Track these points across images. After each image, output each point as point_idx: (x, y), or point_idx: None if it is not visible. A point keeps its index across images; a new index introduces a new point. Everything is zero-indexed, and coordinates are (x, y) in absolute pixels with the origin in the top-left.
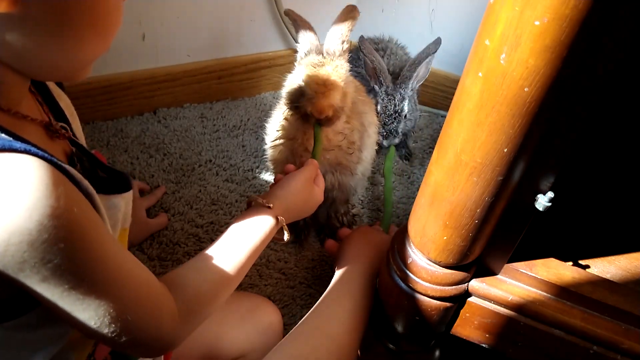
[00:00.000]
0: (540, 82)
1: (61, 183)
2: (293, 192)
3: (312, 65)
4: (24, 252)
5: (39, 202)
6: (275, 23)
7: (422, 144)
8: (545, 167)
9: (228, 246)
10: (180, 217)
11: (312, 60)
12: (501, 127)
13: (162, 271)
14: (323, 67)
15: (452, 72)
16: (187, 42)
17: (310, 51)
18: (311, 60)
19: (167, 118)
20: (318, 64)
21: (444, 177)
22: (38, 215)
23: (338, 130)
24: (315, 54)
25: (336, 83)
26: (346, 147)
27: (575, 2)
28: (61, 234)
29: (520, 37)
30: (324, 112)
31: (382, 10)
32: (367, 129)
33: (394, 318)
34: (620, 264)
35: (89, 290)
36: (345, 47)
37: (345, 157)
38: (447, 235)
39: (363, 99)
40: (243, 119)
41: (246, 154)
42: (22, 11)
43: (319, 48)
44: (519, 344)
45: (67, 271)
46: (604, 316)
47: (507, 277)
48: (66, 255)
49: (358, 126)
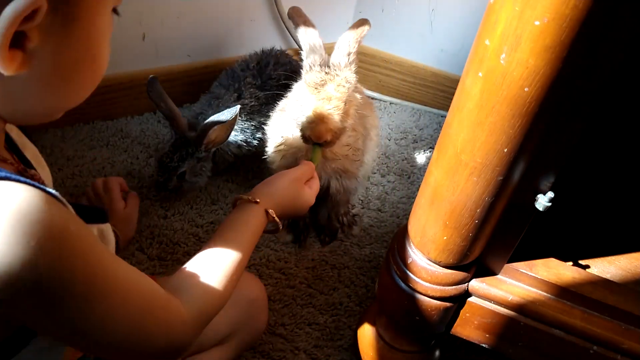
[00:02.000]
0: (540, 82)
1: (53, 202)
2: (279, 188)
3: (313, 86)
4: (24, 278)
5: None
6: (275, 23)
7: (422, 144)
8: (545, 167)
9: (224, 242)
10: (180, 217)
11: (314, 78)
12: (501, 127)
13: (162, 271)
14: (325, 86)
15: (452, 72)
16: (187, 42)
17: (315, 64)
18: (312, 79)
19: None
20: (319, 84)
21: (444, 177)
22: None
23: (344, 143)
24: (320, 67)
25: (332, 116)
26: (352, 155)
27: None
28: (62, 252)
29: (520, 37)
30: (322, 138)
31: (382, 10)
32: (369, 132)
33: (394, 318)
34: (620, 264)
35: (96, 306)
36: (352, 59)
37: (351, 164)
38: (447, 235)
39: (364, 102)
40: None
41: None
42: (28, 70)
43: (325, 59)
44: (519, 344)
45: (73, 289)
46: (604, 316)
47: (507, 277)
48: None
49: (362, 130)
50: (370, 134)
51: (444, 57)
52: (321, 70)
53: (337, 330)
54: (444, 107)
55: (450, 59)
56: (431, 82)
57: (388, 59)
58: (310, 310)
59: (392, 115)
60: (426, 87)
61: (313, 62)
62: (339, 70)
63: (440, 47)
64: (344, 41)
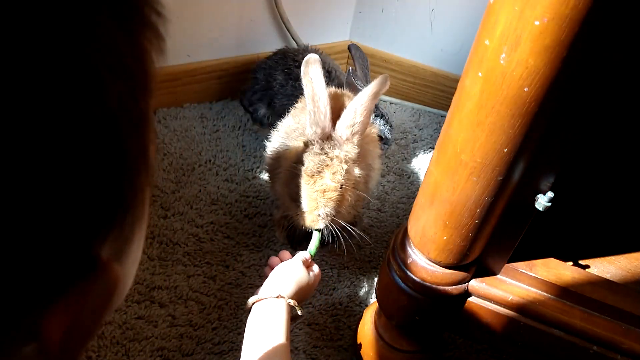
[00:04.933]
0: (540, 82)
1: None
2: (296, 282)
3: (309, 175)
4: None
5: None
6: (275, 23)
7: (422, 144)
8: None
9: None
10: (180, 217)
11: (310, 165)
12: (501, 127)
13: (162, 271)
14: (322, 174)
15: (452, 72)
16: (187, 42)
17: (315, 138)
18: (309, 166)
19: (167, 118)
20: (316, 171)
21: (444, 177)
22: None
23: (347, 205)
24: (320, 142)
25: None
26: (357, 204)
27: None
28: None
29: (520, 37)
30: (315, 226)
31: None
32: (372, 163)
33: (394, 318)
34: (620, 264)
35: None
36: (357, 129)
37: (357, 209)
38: (447, 235)
39: (369, 140)
40: (243, 119)
41: (246, 154)
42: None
43: (326, 132)
44: (519, 344)
45: None
46: (604, 316)
47: (507, 277)
48: None
49: (365, 169)
50: (372, 165)
51: (444, 57)
52: (321, 151)
53: (337, 330)
54: (444, 107)
55: (450, 59)
56: (431, 82)
57: (388, 58)
58: (310, 310)
59: (392, 115)
60: (426, 87)
61: (314, 138)
62: (339, 148)
63: (440, 47)
64: (351, 109)
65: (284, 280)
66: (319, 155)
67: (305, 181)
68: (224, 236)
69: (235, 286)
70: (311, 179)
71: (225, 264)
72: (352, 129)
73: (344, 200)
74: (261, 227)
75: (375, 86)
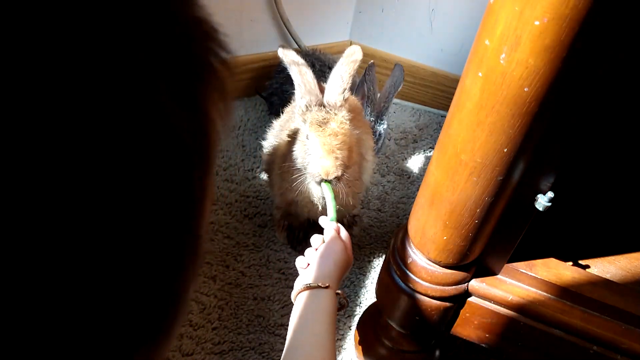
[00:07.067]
0: (540, 82)
1: None
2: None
3: (317, 124)
4: None
5: None
6: (275, 23)
7: (422, 144)
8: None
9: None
10: None
11: (316, 117)
12: (501, 127)
13: None
14: (328, 124)
15: (452, 72)
16: None
17: (311, 104)
18: (315, 118)
19: None
20: (323, 122)
21: (444, 177)
22: None
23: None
24: (317, 106)
25: (341, 151)
26: (354, 188)
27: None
28: None
29: (520, 37)
30: (334, 173)
31: (382, 10)
32: (365, 154)
33: (394, 318)
34: (620, 264)
35: None
36: (347, 96)
37: (353, 196)
38: (447, 235)
39: (360, 124)
40: (243, 119)
41: (246, 154)
42: None
43: (319, 98)
44: (519, 344)
45: None
46: (604, 316)
47: (507, 277)
48: None
49: (358, 159)
50: (366, 156)
51: (444, 57)
52: (320, 109)
53: (337, 330)
54: (444, 107)
55: (450, 59)
56: (431, 82)
57: (388, 58)
58: None
59: (392, 115)
60: (426, 87)
61: (309, 103)
62: (337, 110)
63: (440, 47)
64: (336, 77)
65: (326, 266)
66: (320, 112)
67: (314, 130)
68: (224, 236)
69: (235, 286)
70: (319, 127)
71: (225, 264)
72: (342, 95)
73: (351, 158)
74: (261, 227)
75: (349, 54)
